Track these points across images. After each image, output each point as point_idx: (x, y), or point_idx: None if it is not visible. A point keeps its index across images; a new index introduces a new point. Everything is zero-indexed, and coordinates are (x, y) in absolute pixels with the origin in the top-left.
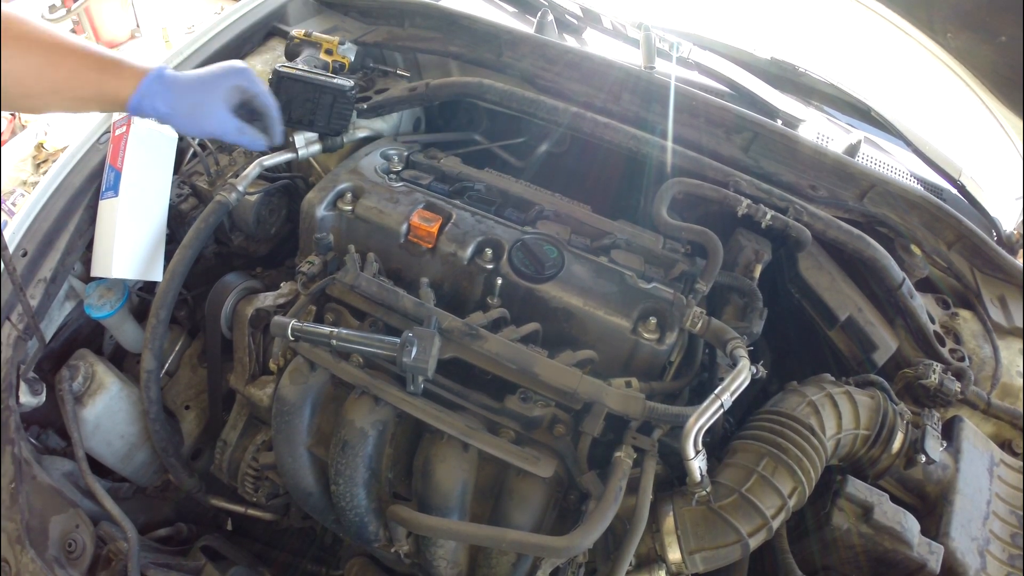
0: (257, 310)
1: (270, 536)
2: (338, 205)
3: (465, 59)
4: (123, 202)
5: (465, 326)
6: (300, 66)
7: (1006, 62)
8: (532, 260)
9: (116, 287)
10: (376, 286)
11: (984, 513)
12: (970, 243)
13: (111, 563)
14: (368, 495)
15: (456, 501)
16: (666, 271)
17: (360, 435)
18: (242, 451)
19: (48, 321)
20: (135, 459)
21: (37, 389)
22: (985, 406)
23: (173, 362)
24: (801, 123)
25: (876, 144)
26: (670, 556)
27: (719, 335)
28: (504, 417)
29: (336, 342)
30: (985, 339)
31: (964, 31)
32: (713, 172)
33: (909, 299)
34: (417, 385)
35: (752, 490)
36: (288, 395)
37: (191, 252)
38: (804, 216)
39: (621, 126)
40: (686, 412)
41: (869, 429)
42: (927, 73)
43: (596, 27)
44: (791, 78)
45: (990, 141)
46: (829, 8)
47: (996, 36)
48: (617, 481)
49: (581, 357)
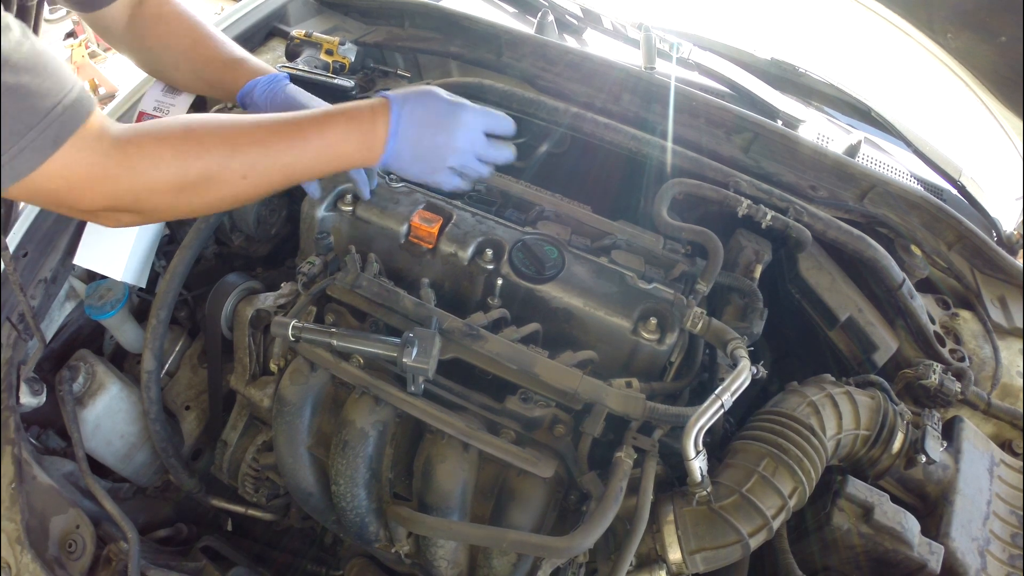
0: (257, 310)
1: (270, 536)
2: (338, 206)
3: (465, 59)
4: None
5: (466, 326)
6: (301, 66)
7: (1006, 62)
8: (533, 260)
9: (116, 287)
10: (377, 286)
11: (984, 513)
12: (970, 243)
13: (111, 563)
14: (368, 495)
15: (456, 501)
16: (666, 271)
17: (360, 435)
18: (242, 452)
19: (48, 321)
20: (135, 459)
21: (37, 389)
22: (985, 406)
23: (173, 362)
24: (801, 123)
25: (876, 144)
26: (671, 556)
27: (719, 335)
28: (504, 417)
29: (337, 342)
30: (985, 339)
31: (964, 31)
32: (713, 172)
33: (909, 299)
34: (418, 385)
35: (753, 490)
36: (288, 395)
37: (191, 252)
38: (804, 217)
39: (621, 126)
40: (686, 412)
41: (869, 429)
42: (927, 73)
43: (596, 27)
44: (791, 78)
45: (990, 141)
46: (829, 8)
47: (996, 36)
48: (618, 481)
49: (581, 357)
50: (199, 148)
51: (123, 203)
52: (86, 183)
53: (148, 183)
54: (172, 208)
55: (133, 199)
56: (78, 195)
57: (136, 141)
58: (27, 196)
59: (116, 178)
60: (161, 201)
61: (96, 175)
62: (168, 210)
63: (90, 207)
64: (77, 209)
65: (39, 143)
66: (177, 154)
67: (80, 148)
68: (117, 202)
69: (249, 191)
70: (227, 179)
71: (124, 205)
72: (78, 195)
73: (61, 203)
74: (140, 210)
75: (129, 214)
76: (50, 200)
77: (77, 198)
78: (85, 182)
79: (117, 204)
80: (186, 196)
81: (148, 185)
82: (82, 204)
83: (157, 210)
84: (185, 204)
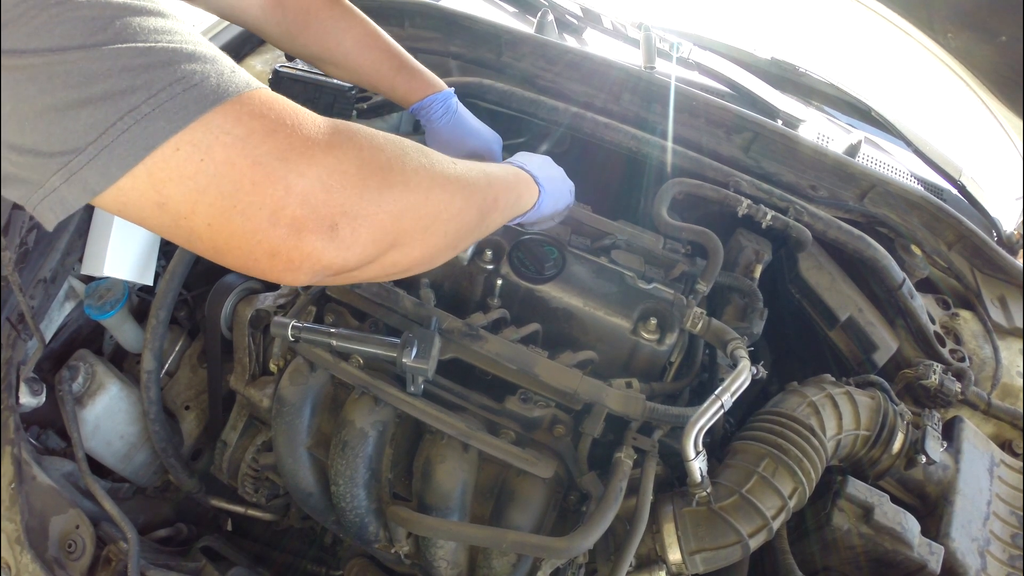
0: (257, 311)
1: (270, 537)
2: None
3: (465, 59)
4: None
5: (465, 327)
6: (300, 66)
7: (1006, 62)
8: (532, 260)
9: (116, 287)
10: (376, 286)
11: (984, 514)
12: (970, 243)
13: (111, 563)
14: (368, 496)
15: (456, 502)
16: (666, 271)
17: (360, 436)
18: (242, 452)
19: (48, 321)
20: (135, 459)
21: (37, 389)
22: (985, 406)
23: (173, 362)
24: (801, 123)
25: (876, 144)
26: (670, 557)
27: (719, 335)
28: (504, 418)
29: (336, 342)
30: (985, 339)
31: (964, 31)
32: (713, 172)
33: (909, 299)
34: (417, 386)
35: (752, 491)
36: (288, 396)
37: (191, 253)
38: (804, 216)
39: (621, 126)
40: (686, 413)
41: (869, 430)
42: (927, 73)
43: (596, 27)
44: (791, 78)
45: (990, 141)
46: (829, 8)
47: (996, 36)
48: (617, 482)
49: (581, 358)
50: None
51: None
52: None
53: (395, 208)
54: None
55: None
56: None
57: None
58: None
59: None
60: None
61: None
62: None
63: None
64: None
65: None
66: (462, 189)
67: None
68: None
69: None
70: (470, 229)
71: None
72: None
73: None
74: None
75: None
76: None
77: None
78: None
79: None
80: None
81: (390, 210)
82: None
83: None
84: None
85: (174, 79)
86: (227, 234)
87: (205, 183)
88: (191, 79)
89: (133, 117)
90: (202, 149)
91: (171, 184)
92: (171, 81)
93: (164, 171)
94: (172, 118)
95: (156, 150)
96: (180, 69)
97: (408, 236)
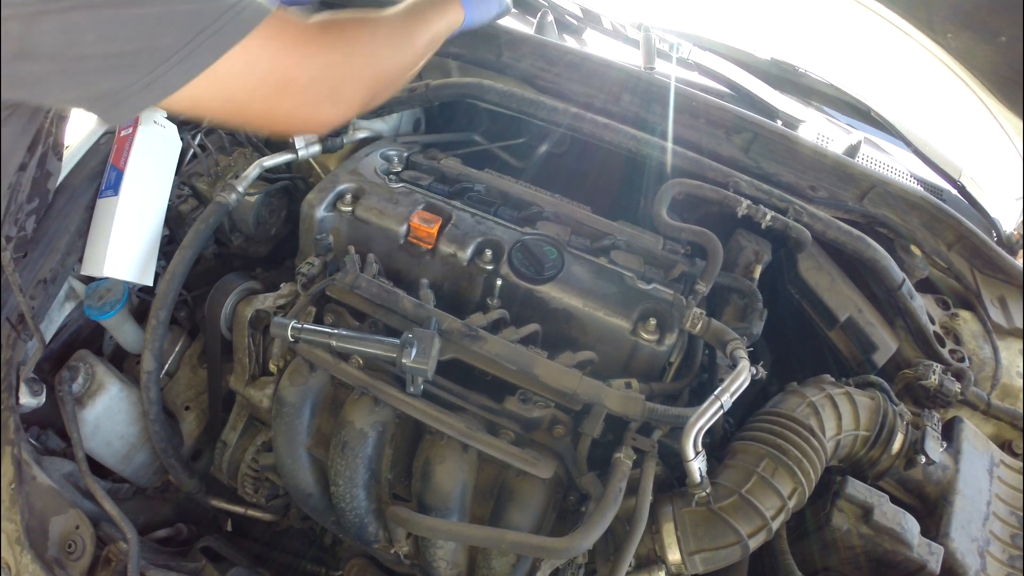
0: (257, 311)
1: (270, 537)
2: (338, 206)
3: (465, 59)
4: (122, 202)
5: (465, 327)
6: None
7: (1006, 62)
8: (532, 261)
9: (116, 288)
10: (376, 287)
11: (984, 514)
12: (970, 244)
13: (111, 564)
14: (368, 496)
15: (456, 502)
16: (666, 272)
17: (360, 436)
18: (242, 452)
19: (48, 322)
20: (135, 460)
21: (37, 390)
22: (985, 407)
23: (173, 363)
24: (801, 124)
25: (876, 144)
26: (670, 557)
27: (719, 336)
28: (504, 418)
29: (336, 343)
30: (985, 340)
31: (964, 31)
32: (713, 173)
33: (909, 300)
34: (417, 386)
35: (752, 491)
36: (288, 396)
37: (191, 253)
38: (804, 217)
39: (621, 127)
40: (686, 413)
41: (869, 430)
42: (927, 73)
43: (596, 28)
44: (791, 79)
45: (990, 141)
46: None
47: (996, 36)
48: (617, 482)
49: (581, 358)
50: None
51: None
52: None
53: (354, 67)
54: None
55: (332, 85)
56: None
57: (334, 26)
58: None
59: (315, 57)
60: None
61: (296, 54)
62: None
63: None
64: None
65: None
66: (387, 40)
67: (272, 29)
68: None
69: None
70: (409, 64)
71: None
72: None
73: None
74: (338, 100)
75: (327, 105)
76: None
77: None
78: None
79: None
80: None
81: (351, 70)
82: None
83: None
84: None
85: (230, 4)
86: (278, 113)
87: (257, 81)
88: (242, 3)
89: (207, 33)
90: (255, 55)
91: (232, 79)
92: (229, 6)
93: (229, 73)
94: (233, 33)
95: (224, 55)
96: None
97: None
